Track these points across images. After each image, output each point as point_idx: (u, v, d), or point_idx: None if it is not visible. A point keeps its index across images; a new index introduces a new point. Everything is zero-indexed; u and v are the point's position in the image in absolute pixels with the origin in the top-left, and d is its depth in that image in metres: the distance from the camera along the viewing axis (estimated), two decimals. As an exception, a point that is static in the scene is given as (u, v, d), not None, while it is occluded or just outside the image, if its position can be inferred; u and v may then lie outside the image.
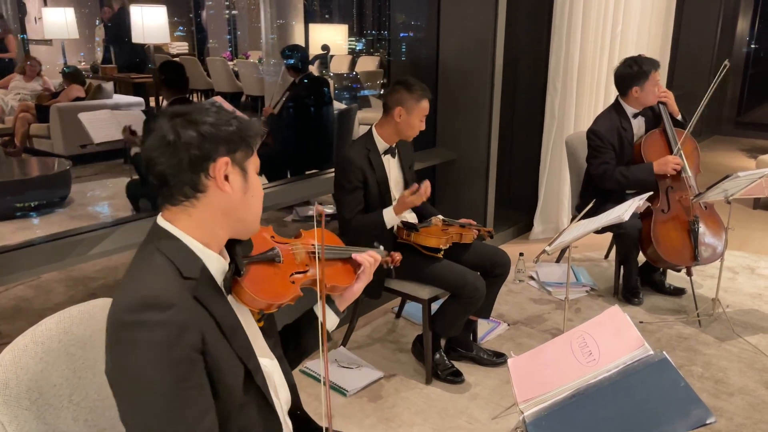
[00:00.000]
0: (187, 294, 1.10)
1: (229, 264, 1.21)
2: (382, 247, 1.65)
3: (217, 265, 1.18)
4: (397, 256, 1.63)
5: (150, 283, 1.07)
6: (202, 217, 1.15)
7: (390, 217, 2.54)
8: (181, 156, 1.10)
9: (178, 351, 1.03)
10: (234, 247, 1.24)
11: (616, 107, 3.42)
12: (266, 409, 1.24)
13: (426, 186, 2.49)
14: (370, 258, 1.53)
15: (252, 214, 1.21)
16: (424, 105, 2.58)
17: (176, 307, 1.04)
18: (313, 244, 1.43)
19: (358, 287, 1.52)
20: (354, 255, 1.53)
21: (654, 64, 3.31)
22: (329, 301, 1.50)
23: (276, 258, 1.33)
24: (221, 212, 1.16)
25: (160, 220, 1.16)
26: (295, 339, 1.48)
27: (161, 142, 1.11)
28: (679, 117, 3.38)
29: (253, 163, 1.20)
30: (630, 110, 3.38)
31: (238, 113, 1.21)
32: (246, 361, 1.18)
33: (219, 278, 1.18)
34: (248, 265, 1.26)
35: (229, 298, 1.21)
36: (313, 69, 5.61)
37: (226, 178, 1.14)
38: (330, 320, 1.49)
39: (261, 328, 1.31)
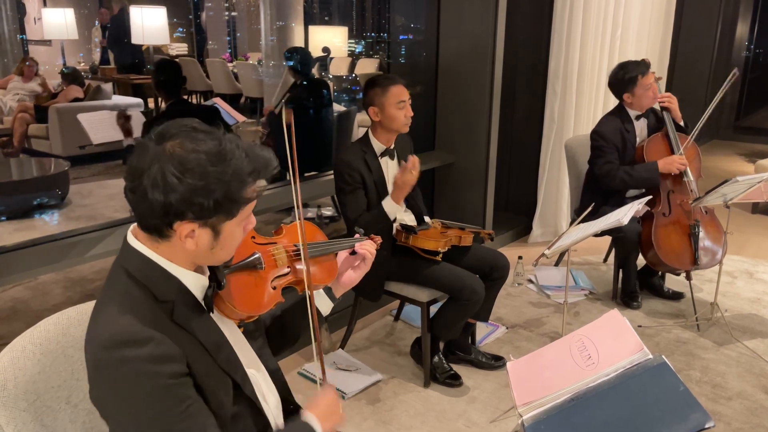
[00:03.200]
0: (165, 319, 1.07)
1: (210, 278, 1.18)
2: (363, 231, 1.65)
3: (194, 282, 1.14)
4: (378, 239, 1.63)
5: (124, 316, 1.03)
6: (168, 252, 1.10)
7: (390, 205, 2.53)
8: (147, 199, 1.03)
9: (163, 380, 1.01)
10: None
11: (619, 110, 3.44)
12: (257, 416, 1.24)
13: (412, 161, 2.46)
14: (370, 248, 1.55)
15: (219, 260, 1.15)
16: (394, 91, 2.51)
17: (154, 342, 1.01)
18: (294, 244, 1.40)
19: (356, 276, 1.54)
20: (357, 248, 1.54)
21: (641, 69, 3.30)
22: (325, 287, 1.51)
23: (257, 265, 1.29)
24: (185, 254, 1.11)
25: (131, 239, 1.11)
26: (290, 324, 1.49)
27: (137, 170, 1.03)
28: (682, 123, 3.39)
29: (236, 221, 1.10)
30: (632, 113, 3.40)
31: (240, 120, 1.17)
32: (233, 375, 1.17)
33: (199, 294, 1.15)
34: (228, 275, 1.22)
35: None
36: (313, 71, 5.61)
37: (193, 231, 1.07)
38: (324, 306, 1.50)
39: (245, 332, 1.30)
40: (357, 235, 1.62)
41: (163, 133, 1.05)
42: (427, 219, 2.77)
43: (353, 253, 1.55)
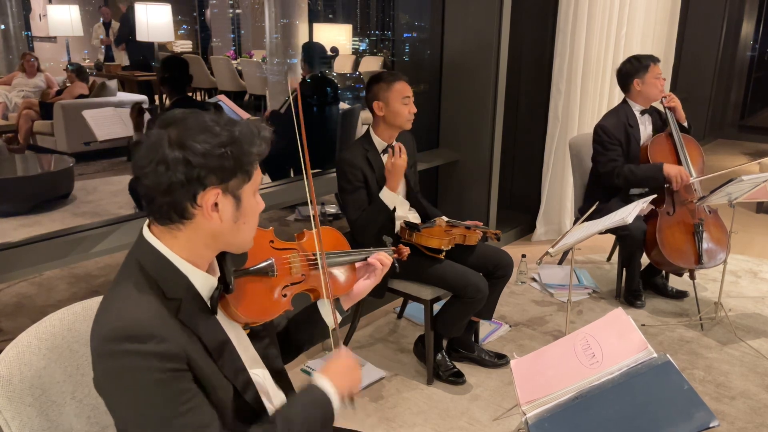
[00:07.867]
0: (170, 317, 1.07)
1: (219, 279, 1.17)
2: (390, 240, 1.62)
3: (204, 282, 1.14)
4: (405, 250, 1.61)
5: (130, 310, 1.04)
6: (188, 240, 1.10)
7: (387, 195, 2.53)
8: (167, 179, 1.03)
9: (161, 375, 1.02)
10: (225, 261, 1.19)
11: (623, 105, 3.45)
12: (259, 419, 1.22)
13: (397, 146, 2.53)
14: (383, 260, 1.53)
15: (242, 240, 1.15)
16: (398, 87, 2.53)
17: (156, 338, 1.01)
18: (312, 253, 1.37)
19: (366, 287, 1.52)
20: (369, 259, 1.52)
21: (653, 58, 3.37)
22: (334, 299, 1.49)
23: (269, 272, 1.27)
24: (208, 236, 1.11)
25: (147, 233, 1.11)
26: (294, 333, 1.47)
27: (150, 157, 1.04)
28: (685, 123, 3.39)
29: (251, 186, 1.12)
30: (636, 107, 3.40)
31: (245, 117, 1.17)
32: (233, 381, 1.16)
33: (206, 295, 1.15)
34: (238, 279, 1.21)
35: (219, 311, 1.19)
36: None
37: (216, 205, 1.08)
38: (331, 319, 1.47)
39: (251, 333, 1.29)
40: (383, 243, 1.59)
41: (165, 119, 1.08)
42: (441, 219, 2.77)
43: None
